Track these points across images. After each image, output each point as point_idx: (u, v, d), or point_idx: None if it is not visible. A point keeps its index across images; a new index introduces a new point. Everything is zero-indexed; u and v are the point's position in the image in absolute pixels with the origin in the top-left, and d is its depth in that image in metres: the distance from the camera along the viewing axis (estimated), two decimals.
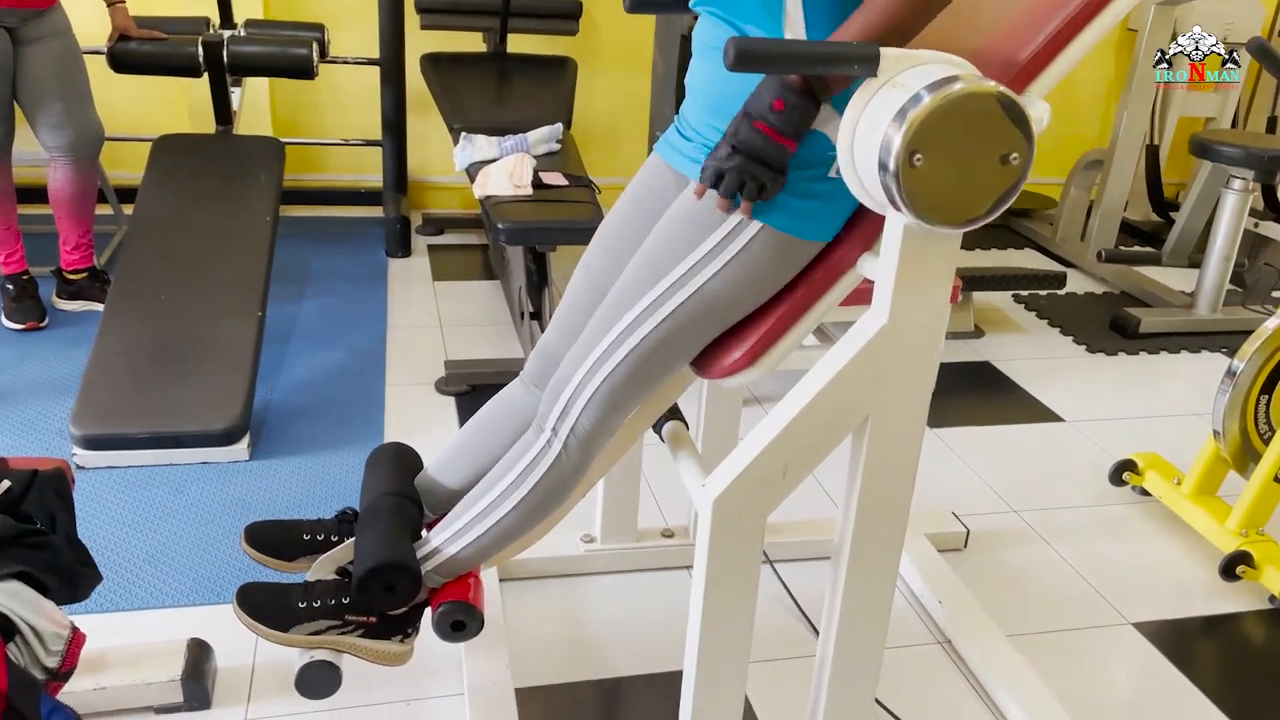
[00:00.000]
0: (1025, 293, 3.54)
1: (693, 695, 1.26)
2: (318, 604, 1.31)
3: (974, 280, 3.13)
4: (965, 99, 0.99)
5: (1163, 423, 2.73)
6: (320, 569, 1.39)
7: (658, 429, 1.55)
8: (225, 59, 2.96)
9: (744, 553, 1.21)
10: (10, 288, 2.80)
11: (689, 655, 1.26)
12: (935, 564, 1.96)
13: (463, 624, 1.31)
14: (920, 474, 1.23)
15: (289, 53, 3.00)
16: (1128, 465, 2.30)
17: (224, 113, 3.17)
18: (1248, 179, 3.09)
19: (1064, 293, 3.57)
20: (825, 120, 1.13)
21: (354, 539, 1.39)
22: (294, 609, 1.31)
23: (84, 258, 2.90)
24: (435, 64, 3.43)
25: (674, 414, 1.56)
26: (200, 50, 2.92)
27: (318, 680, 1.29)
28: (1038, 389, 2.86)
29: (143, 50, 2.89)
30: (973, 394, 2.82)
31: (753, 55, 1.01)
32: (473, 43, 3.67)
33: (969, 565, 2.05)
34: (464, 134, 2.99)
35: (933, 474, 2.36)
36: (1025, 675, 1.69)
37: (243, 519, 1.55)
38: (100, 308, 2.49)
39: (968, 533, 2.10)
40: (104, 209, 3.22)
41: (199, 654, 1.58)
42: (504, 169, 2.70)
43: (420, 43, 3.58)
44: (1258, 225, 3.54)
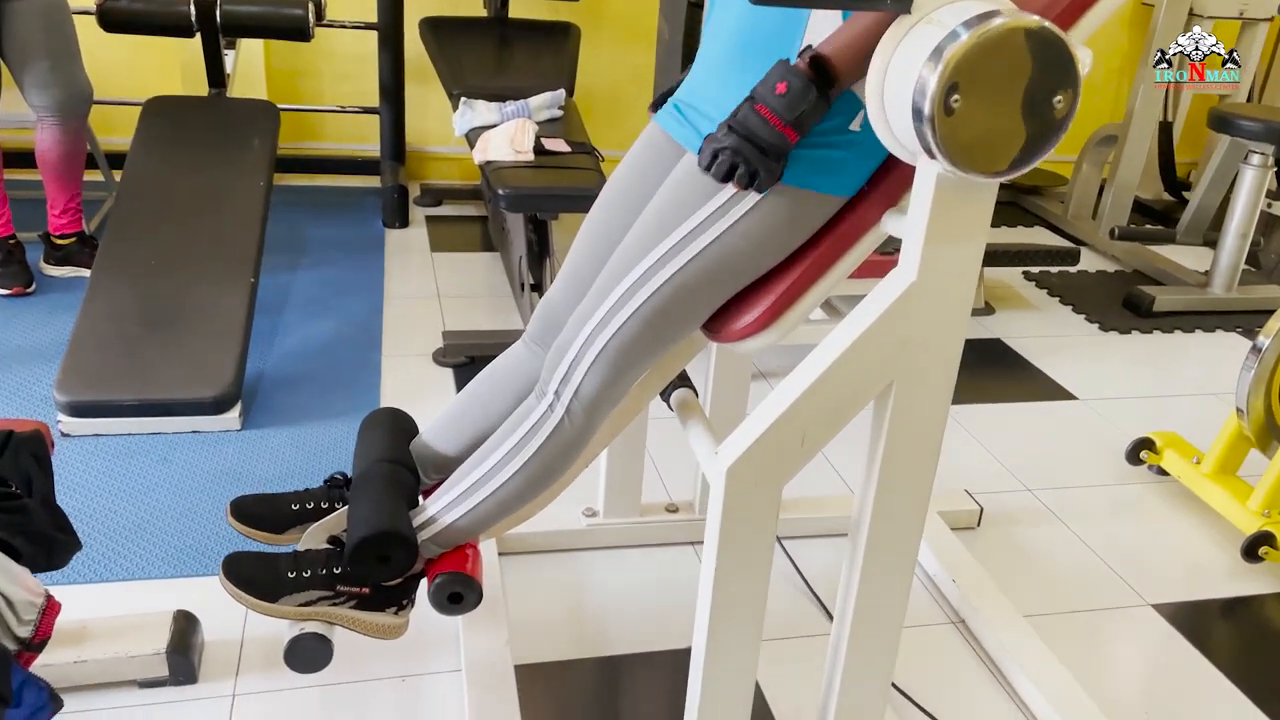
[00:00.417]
0: (1036, 270, 3.47)
1: (702, 673, 1.20)
2: (308, 574, 1.25)
3: (985, 255, 3.05)
4: (1007, 35, 0.92)
5: (1178, 402, 2.67)
6: (311, 538, 1.33)
7: (666, 397, 1.48)
8: (218, 18, 2.87)
9: (758, 525, 1.15)
10: None
11: (698, 633, 1.20)
12: (948, 542, 1.90)
13: (460, 596, 1.24)
14: None
15: (284, 13, 2.91)
16: (1145, 444, 2.24)
17: (217, 75, 3.08)
18: (1268, 154, 3.01)
19: (1075, 270, 3.51)
20: None
21: (346, 507, 1.33)
22: (283, 579, 1.25)
23: (72, 222, 2.83)
24: (435, 28, 3.34)
25: (683, 381, 1.49)
26: (192, 9, 2.83)
27: (308, 653, 1.23)
28: (1050, 367, 2.79)
29: (133, 8, 2.81)
30: (984, 371, 2.76)
31: None
32: (473, 6, 3.58)
33: (982, 544, 1.99)
34: (464, 99, 2.91)
35: (944, 450, 2.27)
36: (1042, 656, 1.64)
37: (233, 489, 1.48)
38: (89, 274, 2.41)
39: (981, 511, 2.04)
40: (95, 175, 3.14)
41: (185, 626, 1.52)
42: (505, 134, 2.62)
43: (419, 7, 3.49)
44: (1270, 205, 3.46)
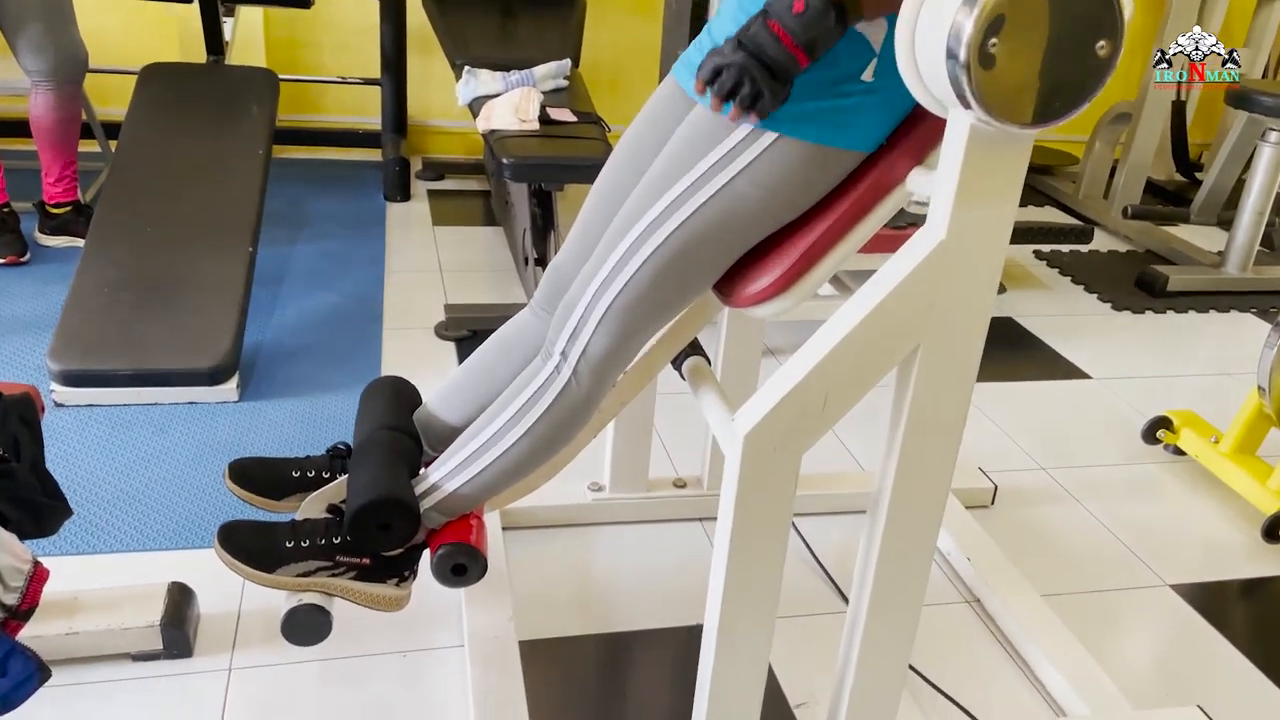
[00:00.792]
0: (1048, 249, 3.42)
1: (714, 650, 1.16)
2: (306, 543, 1.20)
3: None
4: None
5: (1193, 382, 2.62)
6: (310, 507, 1.28)
7: (677, 366, 1.44)
8: None
9: (776, 495, 1.10)
10: None
11: (711, 608, 1.16)
12: (963, 520, 1.86)
13: (464, 567, 1.20)
14: None
15: None
16: (1162, 422, 2.19)
17: (215, 42, 3.03)
18: None
19: (1087, 250, 3.45)
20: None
21: (347, 476, 1.29)
22: (281, 548, 1.20)
23: (67, 190, 2.77)
24: None
25: (695, 349, 1.44)
26: None
27: (306, 625, 1.18)
28: (1063, 346, 2.74)
29: None
30: (995, 349, 2.67)
31: None
32: None
33: (997, 522, 1.94)
34: (467, 68, 2.85)
35: None
36: (1060, 635, 1.59)
37: (230, 461, 1.43)
38: (84, 244, 2.36)
39: (995, 489, 1.99)
40: (91, 146, 3.08)
41: (180, 599, 1.47)
42: (509, 103, 2.56)
43: None
44: None
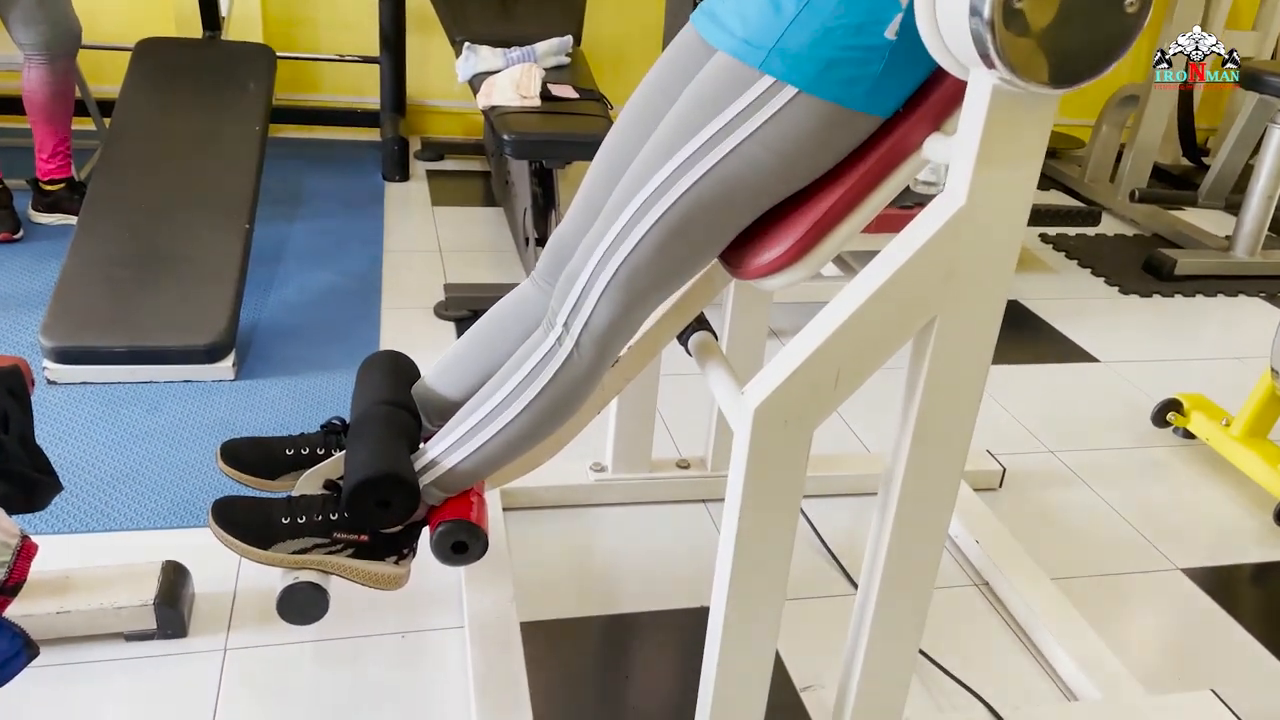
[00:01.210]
0: (1054, 232, 3.38)
1: (722, 629, 1.12)
2: (303, 520, 1.17)
3: None
4: None
5: (1202, 365, 2.59)
6: (307, 484, 1.25)
7: (684, 341, 1.40)
8: None
9: (787, 471, 1.07)
10: None
11: (719, 587, 1.12)
12: (971, 503, 1.83)
13: (465, 545, 1.17)
14: None
15: None
16: (1172, 405, 2.16)
17: (212, 18, 2.98)
18: None
19: (1094, 234, 3.42)
20: None
21: (343, 452, 1.25)
22: (276, 525, 1.17)
23: (61, 167, 2.72)
24: None
25: (701, 324, 1.41)
26: None
27: (302, 603, 1.15)
28: (1070, 329, 2.71)
29: None
30: (1002, 332, 2.59)
31: None
32: None
33: (1005, 505, 1.91)
34: (467, 44, 2.80)
35: None
36: (1070, 618, 1.57)
37: (222, 442, 1.40)
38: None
39: (1003, 472, 1.96)
40: (86, 124, 3.04)
41: (174, 578, 1.44)
42: (510, 79, 2.52)
43: None
44: None
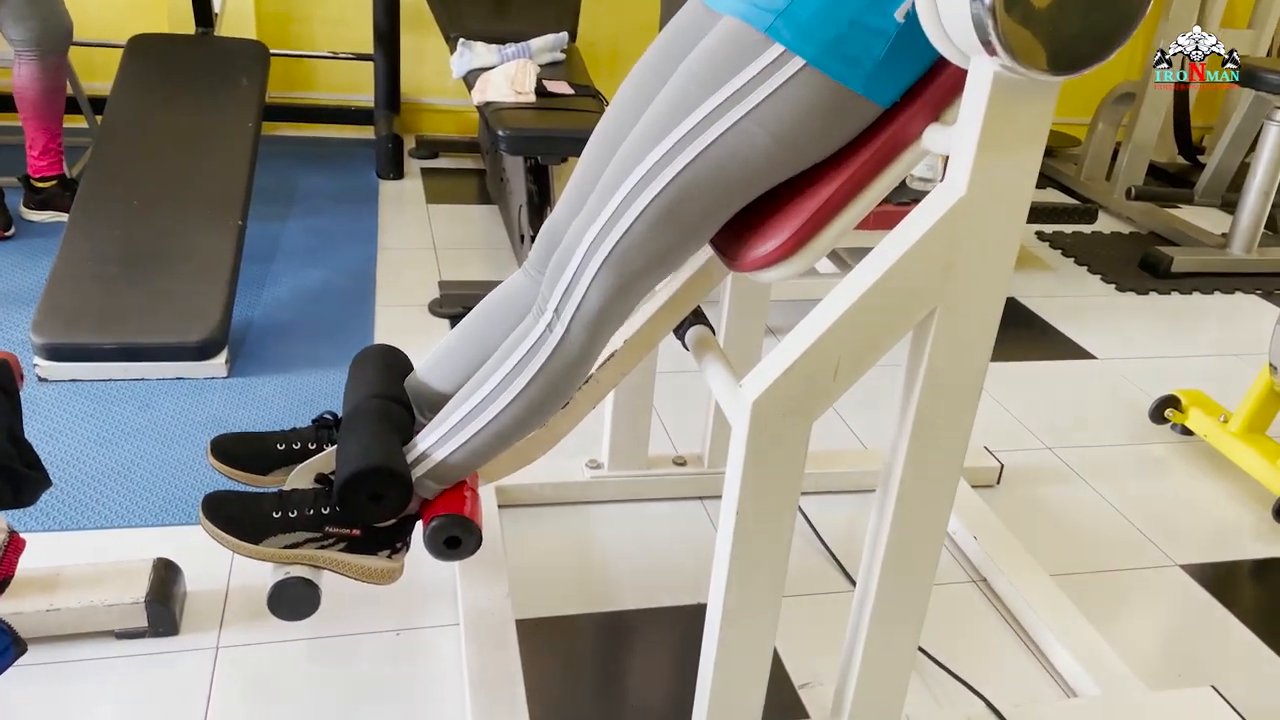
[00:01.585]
0: (1050, 230, 3.38)
1: (719, 625, 1.11)
2: (294, 514, 1.16)
3: None
4: None
5: (1199, 362, 2.58)
6: (298, 478, 1.24)
7: (680, 335, 1.39)
8: None
9: (785, 466, 1.05)
10: None
11: (716, 582, 1.11)
12: (969, 499, 1.82)
13: (458, 540, 1.15)
14: None
15: None
16: (1170, 402, 2.16)
17: (204, 14, 2.97)
18: None
19: (1090, 231, 3.41)
20: None
21: (335, 446, 1.24)
22: (268, 519, 1.15)
23: (53, 164, 2.71)
24: None
25: (698, 319, 1.40)
26: None
27: (294, 598, 1.14)
28: (1067, 326, 2.71)
29: None
30: (1000, 329, 2.64)
31: None
32: None
33: (1003, 502, 1.90)
34: (461, 40, 2.79)
35: None
36: (1069, 615, 1.56)
37: (212, 437, 1.38)
38: None
39: (1001, 468, 1.95)
40: (78, 121, 3.02)
41: (166, 575, 1.42)
42: (505, 75, 2.51)
43: None
44: None
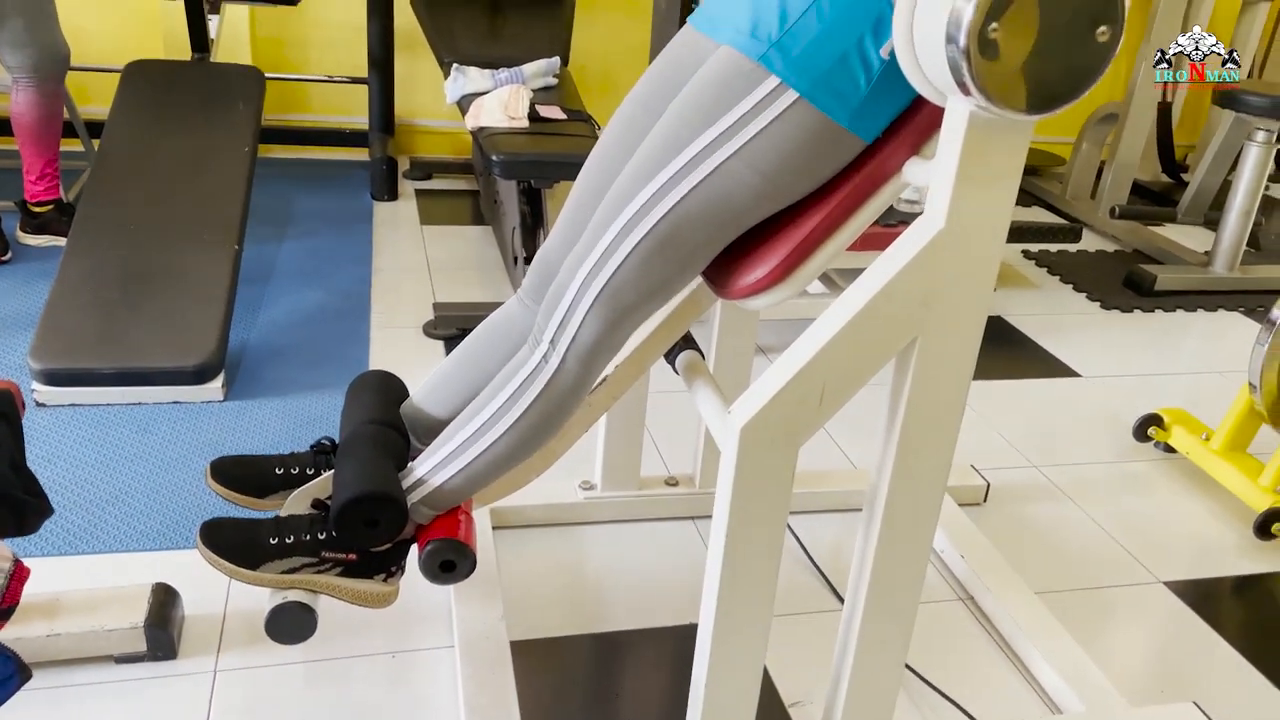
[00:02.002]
0: (1036, 248, 3.42)
1: (710, 644, 1.14)
2: (291, 539, 1.18)
3: None
4: None
5: (1182, 380, 2.62)
6: (295, 503, 1.26)
7: (670, 360, 1.42)
8: None
9: (773, 489, 1.08)
10: None
11: (707, 603, 1.14)
12: (956, 517, 1.85)
13: (453, 564, 1.17)
14: None
15: None
16: (1153, 420, 2.19)
17: (200, 40, 3.00)
18: (1273, 131, 2.96)
19: (1075, 250, 3.46)
20: None
21: (332, 471, 1.26)
22: (265, 545, 1.18)
23: (49, 189, 2.73)
24: None
25: (688, 343, 1.43)
26: None
27: (291, 623, 1.16)
28: (1051, 344, 2.74)
29: None
30: (985, 347, 2.60)
31: None
32: None
33: (990, 520, 1.93)
34: (455, 66, 2.83)
35: None
36: (1054, 632, 1.58)
37: (211, 460, 1.41)
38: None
39: (988, 486, 1.99)
40: (74, 145, 3.05)
41: (164, 600, 1.45)
42: (498, 100, 2.55)
43: None
44: (1268, 188, 3.41)
